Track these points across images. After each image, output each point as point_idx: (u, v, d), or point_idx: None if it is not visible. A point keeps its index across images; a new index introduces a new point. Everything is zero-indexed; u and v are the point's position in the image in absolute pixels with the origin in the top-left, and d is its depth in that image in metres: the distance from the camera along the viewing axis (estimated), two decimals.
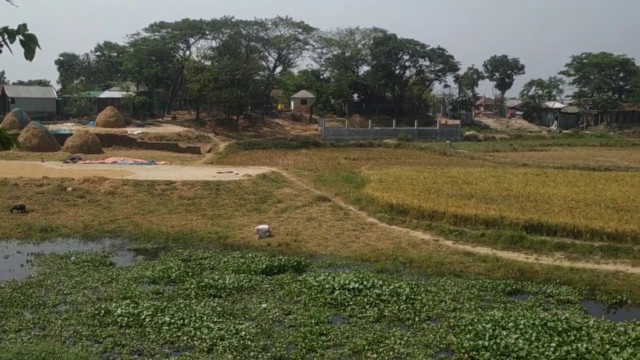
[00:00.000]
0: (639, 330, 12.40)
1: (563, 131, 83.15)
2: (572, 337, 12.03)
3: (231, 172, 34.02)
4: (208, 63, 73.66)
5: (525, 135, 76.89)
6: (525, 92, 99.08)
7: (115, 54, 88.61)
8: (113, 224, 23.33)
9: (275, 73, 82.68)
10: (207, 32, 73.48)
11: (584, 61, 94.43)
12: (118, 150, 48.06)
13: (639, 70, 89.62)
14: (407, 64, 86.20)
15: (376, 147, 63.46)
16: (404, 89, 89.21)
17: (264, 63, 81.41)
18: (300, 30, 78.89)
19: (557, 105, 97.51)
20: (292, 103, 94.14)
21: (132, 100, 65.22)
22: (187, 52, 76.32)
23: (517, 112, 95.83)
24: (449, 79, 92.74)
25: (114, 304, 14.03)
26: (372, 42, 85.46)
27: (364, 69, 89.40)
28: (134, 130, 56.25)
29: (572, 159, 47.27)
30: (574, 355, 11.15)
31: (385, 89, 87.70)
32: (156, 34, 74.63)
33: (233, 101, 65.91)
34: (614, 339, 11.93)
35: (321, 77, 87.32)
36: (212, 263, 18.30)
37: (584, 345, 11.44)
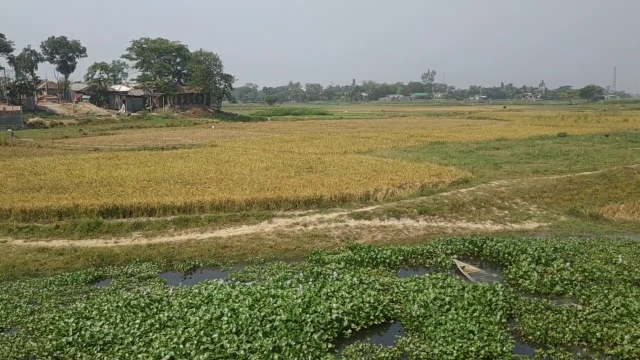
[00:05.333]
0: (210, 288, 13.95)
1: (132, 114, 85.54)
2: (155, 310, 12.66)
3: None
4: None
5: (95, 119, 75.83)
6: (90, 75, 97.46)
7: None
8: None
9: None
10: None
11: (144, 46, 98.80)
12: None
13: (193, 56, 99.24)
14: None
15: None
16: None
17: None
18: None
19: (124, 88, 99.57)
20: None
21: None
22: None
23: (84, 96, 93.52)
24: (2, 60, 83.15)
25: None
26: None
27: None
28: None
29: (142, 141, 49.18)
30: (157, 326, 11.74)
31: None
32: None
33: None
34: (191, 301, 13.09)
35: None
36: None
37: (166, 314, 12.18)
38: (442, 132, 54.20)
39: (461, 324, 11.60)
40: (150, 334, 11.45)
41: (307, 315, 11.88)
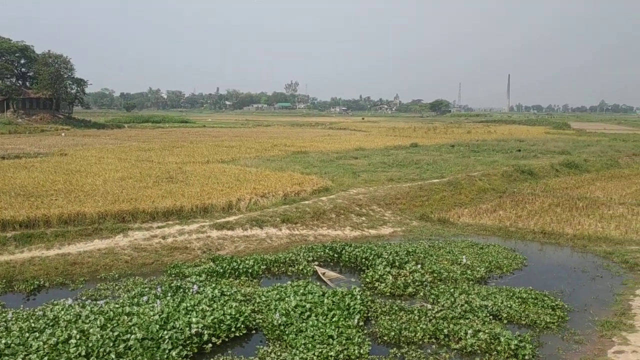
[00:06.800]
0: (56, 309, 12.84)
1: None
2: None
3: None
4: None
5: None
6: None
7: None
8: None
9: None
10: None
11: None
12: None
13: (40, 58, 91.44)
14: None
15: None
16: None
17: None
18: None
19: None
20: None
21: None
22: None
23: None
24: None
25: None
26: None
27: None
28: None
29: None
30: None
31: None
32: None
33: None
34: (34, 324, 11.92)
35: None
36: None
37: (3, 341, 10.95)
38: (305, 142, 55.37)
39: (321, 330, 11.83)
40: None
41: (165, 332, 11.38)
